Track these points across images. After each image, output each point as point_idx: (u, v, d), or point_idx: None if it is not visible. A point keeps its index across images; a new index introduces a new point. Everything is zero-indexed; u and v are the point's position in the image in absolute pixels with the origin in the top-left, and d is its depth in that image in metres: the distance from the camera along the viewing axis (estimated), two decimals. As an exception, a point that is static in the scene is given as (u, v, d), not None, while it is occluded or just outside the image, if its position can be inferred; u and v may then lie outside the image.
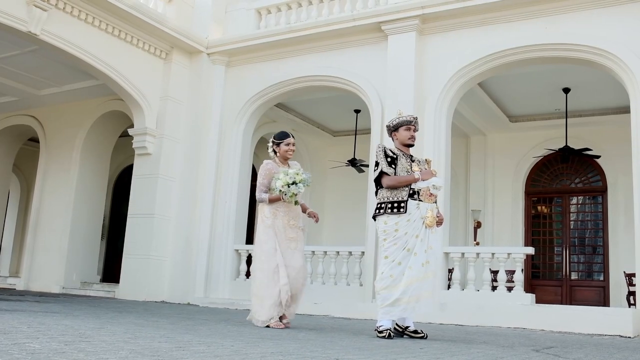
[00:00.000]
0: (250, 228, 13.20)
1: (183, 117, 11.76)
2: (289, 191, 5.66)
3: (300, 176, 5.71)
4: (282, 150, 5.94)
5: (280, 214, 5.80)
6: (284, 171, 5.75)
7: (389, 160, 5.25)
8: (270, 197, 5.79)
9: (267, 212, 5.82)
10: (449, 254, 9.32)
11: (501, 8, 9.34)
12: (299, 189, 5.68)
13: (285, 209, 5.83)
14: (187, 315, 7.04)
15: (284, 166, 5.93)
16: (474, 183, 13.68)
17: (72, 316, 5.21)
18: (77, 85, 12.87)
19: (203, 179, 11.47)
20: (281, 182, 5.67)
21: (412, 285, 5.02)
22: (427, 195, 5.19)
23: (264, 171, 5.88)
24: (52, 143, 13.88)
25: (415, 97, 9.70)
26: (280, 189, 5.68)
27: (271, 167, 5.89)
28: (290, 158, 6.05)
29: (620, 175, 12.24)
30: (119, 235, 14.06)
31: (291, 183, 5.66)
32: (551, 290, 12.78)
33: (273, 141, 5.98)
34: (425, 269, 5.09)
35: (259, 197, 5.85)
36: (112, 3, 10.16)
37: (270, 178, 5.83)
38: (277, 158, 5.97)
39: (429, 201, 5.20)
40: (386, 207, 5.20)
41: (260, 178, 5.87)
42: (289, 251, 5.74)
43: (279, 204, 5.80)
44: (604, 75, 9.79)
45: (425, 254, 5.11)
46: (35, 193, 13.92)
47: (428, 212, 5.16)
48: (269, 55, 11.47)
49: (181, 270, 11.22)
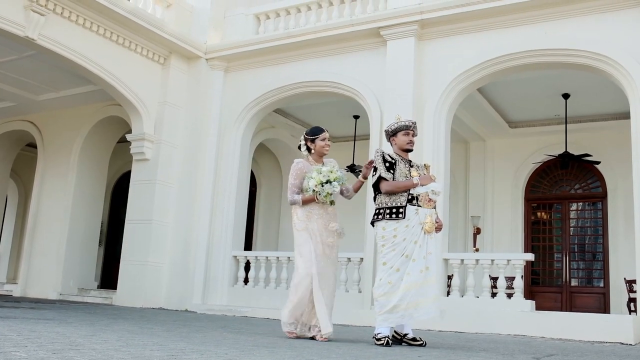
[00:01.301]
0: (248, 234, 13.15)
1: (181, 123, 11.72)
2: (323, 191, 5.26)
3: (335, 174, 5.31)
4: (318, 146, 5.50)
5: (315, 217, 5.35)
6: (317, 169, 5.34)
7: (387, 165, 5.23)
8: (304, 198, 5.36)
9: (300, 215, 5.39)
10: (448, 260, 9.26)
11: (500, 13, 9.30)
12: (334, 188, 5.28)
13: (321, 210, 5.39)
14: (184, 322, 6.97)
15: (317, 164, 5.50)
16: (473, 189, 13.62)
17: (66, 323, 5.15)
18: (75, 91, 12.81)
19: (201, 184, 11.41)
20: (314, 181, 5.26)
21: (410, 291, 4.96)
22: (426, 200, 5.15)
23: (295, 171, 5.45)
24: (49, 148, 13.83)
25: (414, 102, 9.65)
26: (314, 188, 5.26)
27: (302, 166, 5.46)
28: (327, 155, 5.63)
29: (620, 181, 12.19)
30: (117, 241, 13.99)
31: (325, 182, 5.26)
32: (551, 296, 12.70)
33: (306, 137, 5.57)
34: (425, 275, 5.03)
35: (291, 199, 5.42)
36: (110, 8, 10.12)
37: (302, 178, 5.40)
38: (311, 156, 5.55)
39: (427, 207, 5.16)
40: (385, 212, 5.16)
41: (292, 178, 5.44)
42: (324, 258, 5.30)
43: (313, 205, 5.36)
44: (603, 80, 9.75)
45: (424, 260, 5.06)
46: (32, 199, 13.86)
47: (427, 217, 5.12)
48: (268, 60, 11.44)
49: (179, 277, 11.15)
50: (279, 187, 15.05)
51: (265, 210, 15.15)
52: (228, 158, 11.46)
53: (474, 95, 10.98)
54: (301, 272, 5.25)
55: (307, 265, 5.22)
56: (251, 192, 13.53)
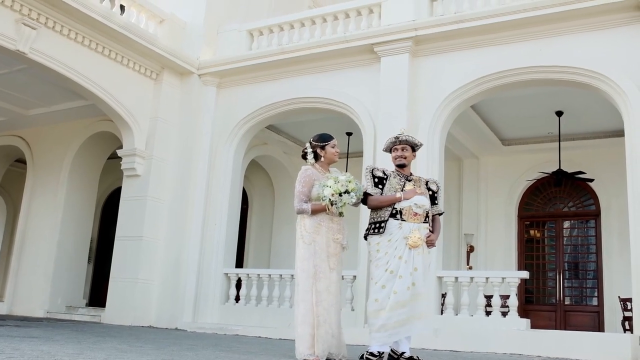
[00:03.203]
0: (240, 252, 12.99)
1: (173, 139, 11.62)
2: (341, 201, 4.95)
3: (353, 184, 5.00)
4: (328, 153, 5.24)
5: (324, 229, 5.05)
6: (334, 177, 5.01)
7: (376, 180, 5.21)
8: (314, 208, 5.02)
9: (307, 227, 5.04)
10: (442, 278, 9.15)
11: (494, 30, 9.31)
12: (352, 198, 4.98)
13: (329, 222, 5.10)
14: (174, 340, 6.81)
15: (324, 172, 5.23)
16: (466, 206, 13.56)
17: (52, 341, 4.99)
18: (65, 106, 12.70)
19: (193, 201, 11.28)
20: (331, 190, 4.93)
21: (397, 310, 4.85)
22: (411, 214, 5.05)
23: (303, 178, 5.12)
24: (39, 164, 13.67)
25: (408, 119, 9.60)
26: (330, 197, 4.93)
27: (311, 173, 5.15)
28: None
29: (613, 199, 12.17)
30: (107, 258, 13.79)
31: (344, 192, 4.95)
32: (545, 315, 12.61)
33: (315, 144, 5.28)
34: (412, 292, 4.91)
35: (299, 208, 5.06)
36: (103, 23, 10.06)
37: (311, 186, 5.09)
38: (318, 163, 5.26)
39: (413, 221, 5.04)
40: (370, 227, 5.16)
41: (299, 186, 5.10)
42: (327, 271, 5.00)
43: (323, 216, 5.06)
44: (596, 98, 9.76)
45: (410, 276, 4.93)
46: (21, 215, 13.67)
47: (412, 232, 5.00)
48: (261, 76, 11.39)
49: (169, 294, 10.97)
50: (271, 204, 14.94)
51: (257, 228, 15.02)
52: (220, 174, 11.35)
53: (468, 113, 10.96)
54: (308, 298, 4.91)
55: (309, 283, 4.93)
56: (243, 209, 13.40)
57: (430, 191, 5.20)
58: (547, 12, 8.85)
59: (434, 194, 5.22)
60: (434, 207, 5.13)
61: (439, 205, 5.24)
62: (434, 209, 5.12)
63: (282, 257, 14.32)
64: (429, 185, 5.26)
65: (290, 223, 14.50)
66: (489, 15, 9.22)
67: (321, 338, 4.84)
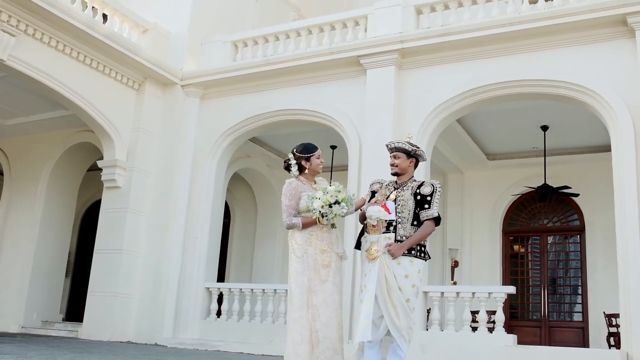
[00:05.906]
0: (221, 266, 12.77)
1: (155, 150, 11.43)
2: (332, 212, 4.76)
3: (343, 193, 4.82)
4: (314, 164, 5.05)
5: (316, 241, 4.85)
6: (322, 188, 4.85)
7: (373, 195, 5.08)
8: (304, 221, 4.83)
9: (299, 240, 4.85)
10: (427, 293, 9.03)
11: (481, 43, 9.29)
12: (342, 209, 4.79)
13: (321, 234, 4.89)
14: (154, 356, 6.59)
15: (310, 183, 5.06)
16: (451, 221, 13.46)
17: (25, 357, 4.77)
18: (45, 116, 12.44)
19: (174, 213, 11.08)
20: (320, 202, 4.75)
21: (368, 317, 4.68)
22: (370, 226, 4.91)
23: (289, 191, 4.93)
24: (17, 176, 13.37)
25: (394, 132, 9.50)
26: (320, 209, 4.75)
27: (296, 185, 4.96)
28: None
29: (598, 214, 12.14)
30: (85, 272, 13.48)
31: (334, 203, 4.77)
32: (530, 331, 12.51)
33: (299, 156, 5.05)
34: (364, 295, 4.72)
35: (289, 222, 4.86)
36: (84, 31, 9.88)
37: (298, 199, 4.90)
38: (302, 175, 5.07)
39: (372, 233, 4.85)
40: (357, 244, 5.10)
41: (286, 200, 4.91)
42: (319, 283, 4.76)
43: (314, 229, 4.86)
44: (582, 113, 9.75)
45: (371, 284, 4.68)
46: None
47: (372, 244, 4.82)
48: (245, 88, 11.26)
49: (149, 309, 10.72)
50: (254, 218, 14.74)
51: (239, 242, 14.81)
52: (202, 187, 11.17)
53: (454, 126, 10.90)
54: (302, 316, 4.67)
55: (304, 298, 4.70)
56: (225, 223, 13.19)
57: (419, 195, 4.92)
58: (534, 26, 8.87)
59: (424, 198, 4.96)
60: (422, 212, 4.87)
61: (429, 209, 4.84)
62: (421, 213, 4.87)
63: (264, 271, 14.12)
64: (420, 189, 4.96)
65: (273, 237, 14.33)
66: (475, 28, 9.21)
67: (322, 355, 4.58)
